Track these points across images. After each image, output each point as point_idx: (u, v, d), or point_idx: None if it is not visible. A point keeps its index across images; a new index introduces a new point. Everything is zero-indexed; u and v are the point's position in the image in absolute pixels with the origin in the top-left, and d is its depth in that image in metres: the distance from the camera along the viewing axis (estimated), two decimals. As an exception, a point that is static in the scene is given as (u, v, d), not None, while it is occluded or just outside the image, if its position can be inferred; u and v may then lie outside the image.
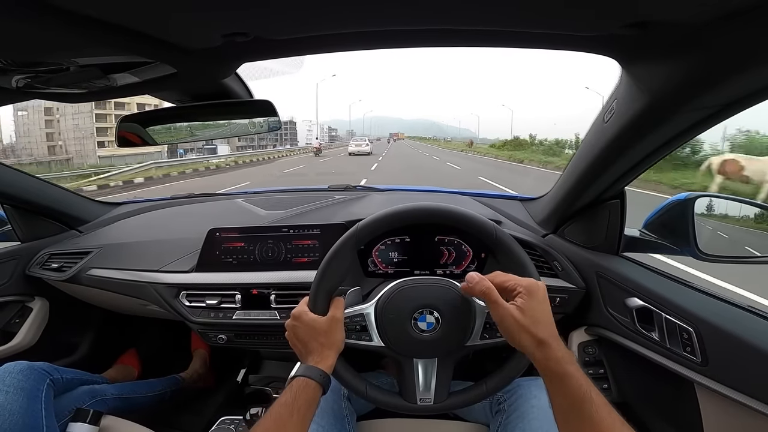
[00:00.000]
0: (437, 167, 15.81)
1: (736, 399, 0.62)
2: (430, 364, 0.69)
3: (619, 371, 0.95)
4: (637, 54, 0.54)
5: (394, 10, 0.46)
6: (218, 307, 1.03)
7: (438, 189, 1.76)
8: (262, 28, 0.49)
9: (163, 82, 0.65)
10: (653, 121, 0.62)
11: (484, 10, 0.46)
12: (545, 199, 1.10)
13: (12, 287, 1.24)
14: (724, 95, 0.54)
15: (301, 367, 0.64)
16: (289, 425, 0.56)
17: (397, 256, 0.98)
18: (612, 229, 0.88)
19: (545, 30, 0.51)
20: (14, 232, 1.29)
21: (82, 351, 1.41)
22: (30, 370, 0.86)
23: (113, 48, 0.50)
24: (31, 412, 0.79)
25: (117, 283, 1.13)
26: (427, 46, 0.58)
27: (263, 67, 0.68)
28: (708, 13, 0.42)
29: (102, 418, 0.90)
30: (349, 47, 0.58)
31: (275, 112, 0.76)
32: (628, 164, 0.75)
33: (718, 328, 0.66)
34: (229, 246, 1.08)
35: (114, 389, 1.08)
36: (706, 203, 0.83)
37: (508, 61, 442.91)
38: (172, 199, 1.60)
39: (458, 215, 0.71)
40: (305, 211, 1.26)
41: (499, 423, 0.79)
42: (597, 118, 0.75)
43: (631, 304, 0.80)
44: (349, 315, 0.69)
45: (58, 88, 0.66)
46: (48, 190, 1.31)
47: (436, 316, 0.67)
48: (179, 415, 1.30)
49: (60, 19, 0.41)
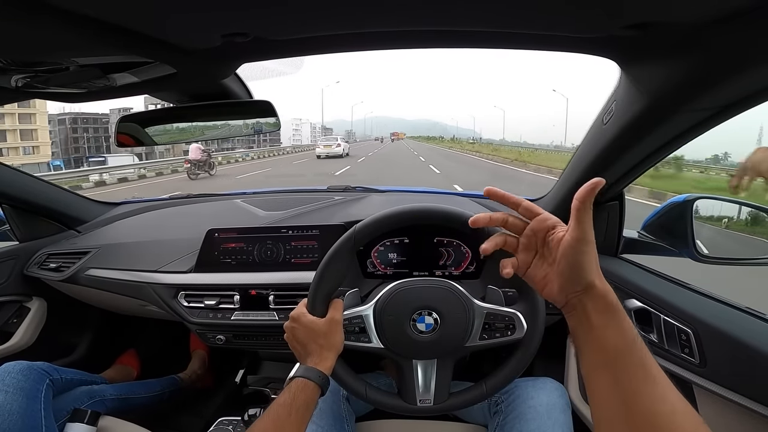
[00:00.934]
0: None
1: (734, 400, 0.62)
2: (429, 365, 0.69)
3: None
4: (637, 55, 0.54)
5: (393, 12, 0.46)
6: (217, 307, 1.03)
7: (438, 191, 1.76)
8: (262, 29, 0.49)
9: (162, 82, 0.65)
10: (653, 123, 0.62)
11: (484, 12, 0.46)
12: (544, 201, 1.10)
13: (10, 287, 1.24)
14: (723, 96, 0.54)
15: (300, 368, 0.64)
16: (287, 426, 0.56)
17: (396, 258, 0.97)
18: (611, 230, 0.88)
19: (545, 31, 0.51)
20: (12, 232, 1.29)
21: (80, 351, 1.41)
22: (30, 370, 0.86)
23: (113, 48, 0.50)
24: (31, 412, 0.79)
25: (115, 283, 1.13)
26: (427, 47, 0.58)
27: (263, 68, 0.68)
28: (707, 14, 0.42)
29: (100, 418, 0.90)
30: (349, 48, 0.58)
31: (275, 113, 0.76)
32: (628, 166, 0.75)
33: (716, 329, 0.66)
34: (227, 246, 1.07)
35: (112, 390, 1.08)
36: (705, 205, 0.83)
37: (503, 62, 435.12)
38: (171, 199, 1.60)
39: (456, 216, 0.71)
40: (304, 211, 1.26)
41: (496, 424, 0.79)
42: (596, 119, 0.75)
43: (629, 306, 0.80)
44: (348, 317, 0.69)
45: (57, 87, 0.65)
46: (46, 189, 1.31)
47: (435, 317, 0.67)
48: (178, 415, 1.30)
49: (59, 18, 0.41)
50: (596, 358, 0.44)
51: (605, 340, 0.43)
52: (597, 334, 0.43)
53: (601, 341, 0.43)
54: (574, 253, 0.45)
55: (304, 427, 0.58)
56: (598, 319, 0.44)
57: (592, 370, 0.44)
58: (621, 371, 0.41)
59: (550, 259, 0.47)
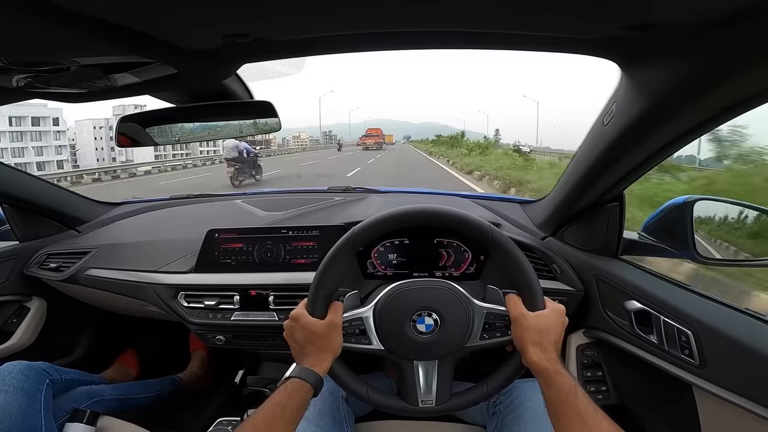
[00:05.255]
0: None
1: (734, 402, 0.62)
2: (430, 366, 0.69)
3: (618, 374, 0.95)
4: (637, 56, 0.54)
5: (394, 13, 0.46)
6: (217, 308, 1.03)
7: (438, 191, 1.76)
8: (263, 29, 0.49)
9: (163, 82, 0.65)
10: (653, 124, 0.62)
11: (485, 13, 0.46)
12: (544, 202, 1.10)
13: (10, 287, 1.24)
14: (725, 97, 0.54)
15: (296, 368, 0.64)
16: (281, 425, 0.57)
17: (396, 258, 0.97)
18: (611, 232, 0.88)
19: (546, 33, 0.51)
20: (12, 232, 1.29)
21: (79, 351, 1.41)
22: (30, 370, 0.86)
23: (114, 48, 0.50)
24: (31, 412, 0.79)
25: (115, 283, 1.13)
26: (427, 48, 0.58)
27: (264, 68, 0.68)
28: (708, 16, 0.42)
29: (99, 418, 0.90)
30: (349, 49, 0.58)
31: (275, 113, 0.76)
32: (628, 167, 0.75)
33: (716, 330, 0.66)
34: (227, 247, 1.07)
35: (112, 390, 1.08)
36: (705, 206, 0.83)
37: (507, 60, 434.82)
38: (171, 200, 1.60)
39: (453, 216, 0.71)
40: (304, 212, 1.26)
41: (495, 424, 0.79)
42: (596, 120, 0.75)
43: (629, 307, 0.80)
44: (347, 319, 0.69)
45: (58, 87, 0.66)
46: (47, 189, 1.31)
47: (434, 318, 0.67)
48: (177, 415, 1.30)
49: (61, 18, 0.41)
50: (547, 408, 0.59)
51: (545, 394, 0.60)
52: (542, 389, 0.61)
53: (544, 395, 0.60)
54: (513, 329, 0.66)
55: (294, 427, 0.59)
56: (538, 379, 0.61)
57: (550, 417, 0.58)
58: (560, 419, 0.56)
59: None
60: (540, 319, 0.64)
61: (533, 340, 0.62)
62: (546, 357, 0.61)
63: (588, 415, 0.53)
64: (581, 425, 0.53)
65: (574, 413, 0.54)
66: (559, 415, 0.56)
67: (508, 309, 0.67)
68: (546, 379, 0.59)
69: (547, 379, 0.59)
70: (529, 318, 0.64)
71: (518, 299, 0.67)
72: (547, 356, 0.61)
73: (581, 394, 0.56)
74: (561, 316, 0.66)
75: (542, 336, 0.62)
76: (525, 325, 0.63)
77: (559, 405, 0.57)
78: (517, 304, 0.66)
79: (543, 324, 0.63)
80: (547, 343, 0.62)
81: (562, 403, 0.56)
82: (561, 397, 0.57)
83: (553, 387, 0.58)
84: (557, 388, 0.57)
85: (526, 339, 0.63)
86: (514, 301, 0.67)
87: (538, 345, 0.62)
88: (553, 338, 0.63)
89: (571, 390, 0.56)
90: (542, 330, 0.63)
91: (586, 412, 0.54)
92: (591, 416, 0.53)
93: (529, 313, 0.65)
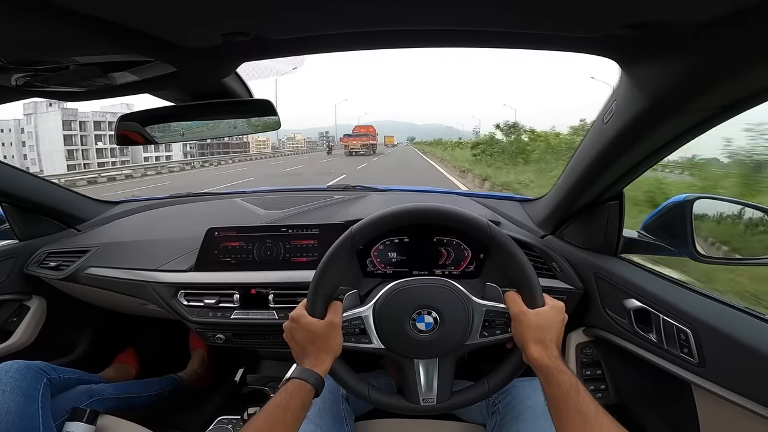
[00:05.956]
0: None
1: (732, 400, 0.62)
2: (431, 364, 0.69)
3: (617, 372, 0.95)
4: (637, 55, 0.54)
5: (394, 11, 0.46)
6: (216, 306, 1.03)
7: (437, 189, 1.76)
8: (263, 28, 0.49)
9: (162, 80, 0.65)
10: (653, 123, 0.62)
11: (484, 11, 0.46)
12: (544, 200, 1.10)
13: (9, 286, 1.24)
14: (724, 96, 0.53)
15: (297, 369, 0.64)
16: (282, 427, 0.57)
17: (395, 257, 0.97)
18: (611, 230, 0.88)
19: (545, 31, 0.51)
20: (12, 231, 1.29)
21: (79, 350, 1.41)
22: (27, 369, 0.86)
23: (113, 46, 0.50)
24: (28, 411, 0.79)
25: (115, 282, 1.13)
26: (427, 47, 0.58)
27: (263, 67, 0.68)
28: (708, 14, 0.42)
29: (99, 417, 0.90)
30: (349, 47, 0.58)
31: (275, 112, 0.75)
32: (627, 165, 0.75)
33: (715, 329, 0.66)
34: (227, 245, 1.07)
35: (112, 389, 1.08)
36: (705, 205, 0.83)
37: (510, 60, 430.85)
38: (171, 198, 1.60)
39: (452, 214, 0.71)
40: (304, 210, 1.26)
41: (494, 423, 0.79)
42: (596, 119, 0.75)
43: (629, 306, 0.80)
44: (347, 318, 0.69)
45: (57, 86, 0.65)
46: (47, 188, 1.31)
47: (434, 316, 0.67)
48: (177, 414, 1.30)
49: (60, 17, 0.41)
50: (548, 405, 0.59)
51: (546, 391, 0.60)
52: (543, 386, 0.61)
53: (545, 392, 0.60)
54: (513, 327, 0.66)
55: (297, 429, 0.59)
56: (539, 376, 0.61)
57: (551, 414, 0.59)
58: (561, 417, 0.56)
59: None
60: (540, 316, 0.64)
61: (534, 337, 0.62)
62: (547, 354, 0.61)
63: (590, 413, 0.53)
64: (583, 423, 0.53)
65: (576, 411, 0.54)
66: (560, 413, 0.56)
67: (508, 306, 0.67)
68: (547, 376, 0.59)
69: (549, 376, 0.59)
70: (530, 315, 0.64)
71: (518, 296, 0.67)
72: (549, 353, 0.61)
73: (583, 391, 0.56)
74: (561, 312, 0.66)
75: (543, 333, 0.62)
76: (525, 322, 0.63)
77: (561, 402, 0.56)
78: (516, 302, 0.66)
79: (543, 321, 0.63)
80: (548, 340, 0.62)
81: (564, 401, 0.56)
82: (562, 395, 0.56)
83: (555, 384, 0.58)
84: (558, 386, 0.57)
85: (527, 336, 0.63)
86: (514, 298, 0.67)
87: (540, 342, 0.62)
88: (553, 335, 0.63)
89: (573, 387, 0.56)
90: (543, 327, 0.63)
91: (588, 409, 0.54)
92: (593, 414, 0.53)
93: (529, 310, 0.65)
